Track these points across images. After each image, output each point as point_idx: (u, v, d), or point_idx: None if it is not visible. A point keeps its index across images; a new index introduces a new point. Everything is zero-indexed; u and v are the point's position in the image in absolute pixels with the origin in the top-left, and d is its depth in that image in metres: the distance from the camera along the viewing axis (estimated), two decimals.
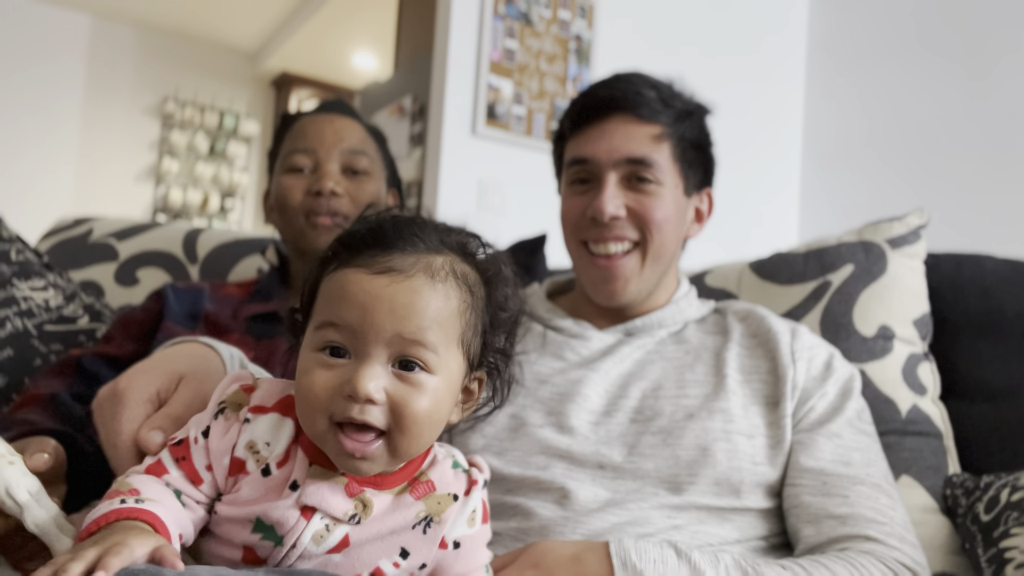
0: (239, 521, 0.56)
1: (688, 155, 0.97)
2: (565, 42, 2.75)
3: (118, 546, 0.46)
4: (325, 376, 0.54)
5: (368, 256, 0.55)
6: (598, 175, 0.95)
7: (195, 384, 0.66)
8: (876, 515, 0.81)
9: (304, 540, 0.55)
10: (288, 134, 1.16)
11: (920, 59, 2.90)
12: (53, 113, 5.03)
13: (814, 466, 0.84)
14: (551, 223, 1.64)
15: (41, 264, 1.22)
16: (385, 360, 0.54)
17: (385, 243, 0.56)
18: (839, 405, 0.89)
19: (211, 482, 0.57)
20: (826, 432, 0.87)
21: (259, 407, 0.58)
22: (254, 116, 5.83)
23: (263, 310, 1.08)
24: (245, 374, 0.62)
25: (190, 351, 0.72)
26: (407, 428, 0.53)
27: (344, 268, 0.56)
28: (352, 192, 1.11)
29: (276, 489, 0.56)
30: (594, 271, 0.95)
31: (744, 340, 0.95)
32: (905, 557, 0.78)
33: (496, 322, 0.61)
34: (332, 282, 0.56)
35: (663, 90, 0.97)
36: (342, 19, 4.89)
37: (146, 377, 0.65)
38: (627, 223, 0.94)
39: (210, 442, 0.57)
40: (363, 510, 0.57)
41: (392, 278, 0.54)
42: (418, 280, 0.54)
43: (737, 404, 0.88)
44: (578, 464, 0.84)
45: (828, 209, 3.21)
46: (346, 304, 0.54)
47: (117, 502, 0.52)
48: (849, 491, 0.82)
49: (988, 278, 1.14)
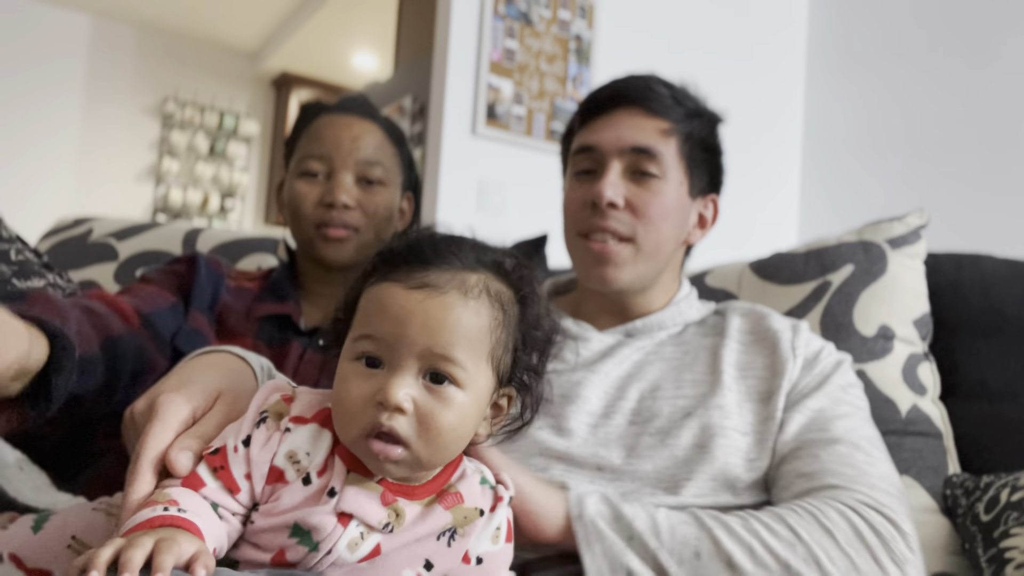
0: (276, 529, 0.57)
1: (695, 155, 0.97)
2: (565, 42, 2.75)
3: (169, 541, 0.48)
4: (360, 385, 0.56)
5: (405, 271, 0.57)
6: (602, 163, 0.94)
7: (230, 402, 0.65)
8: (845, 468, 0.78)
9: (340, 547, 0.56)
10: (306, 131, 1.14)
11: (920, 59, 2.90)
12: (53, 113, 5.03)
13: (790, 438, 0.84)
14: (551, 223, 1.64)
15: (41, 264, 1.22)
16: (416, 372, 0.55)
17: (423, 259, 0.58)
18: (821, 383, 0.89)
19: (248, 491, 0.58)
20: (804, 408, 0.86)
21: (299, 417, 0.59)
22: (254, 116, 5.83)
23: (277, 311, 1.07)
24: (283, 384, 0.63)
25: (226, 364, 0.71)
26: (432, 439, 0.55)
27: (382, 282, 0.58)
28: (365, 203, 1.10)
29: (315, 496, 0.57)
30: (588, 255, 0.95)
31: (741, 337, 0.95)
32: (868, 499, 0.75)
33: (528, 340, 0.62)
34: (370, 295, 0.58)
35: (675, 90, 0.98)
36: (342, 19, 4.89)
37: (185, 394, 0.64)
38: (623, 216, 0.93)
39: (251, 451, 0.58)
40: (396, 519, 0.58)
41: (427, 293, 0.56)
42: (451, 296, 0.56)
43: (732, 400, 0.88)
44: (577, 466, 0.84)
45: (828, 209, 3.22)
46: (382, 317, 0.56)
47: (160, 509, 0.53)
48: (821, 451, 0.81)
49: (988, 278, 1.14)
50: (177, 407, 0.62)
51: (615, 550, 0.71)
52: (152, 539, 0.48)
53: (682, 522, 0.73)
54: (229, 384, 0.67)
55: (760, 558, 0.69)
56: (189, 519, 0.53)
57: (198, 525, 0.53)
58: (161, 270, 1.07)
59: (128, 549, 0.47)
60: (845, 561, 0.70)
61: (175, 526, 0.52)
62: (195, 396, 0.64)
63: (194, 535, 0.51)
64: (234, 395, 0.66)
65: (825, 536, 0.71)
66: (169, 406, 0.62)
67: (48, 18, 5.04)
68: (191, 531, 0.52)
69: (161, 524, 0.52)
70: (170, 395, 0.63)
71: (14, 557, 0.62)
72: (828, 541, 0.71)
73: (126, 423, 0.65)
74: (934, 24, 2.87)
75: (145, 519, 0.52)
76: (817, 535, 0.71)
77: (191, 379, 0.66)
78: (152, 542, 0.48)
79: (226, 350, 0.73)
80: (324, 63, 5.55)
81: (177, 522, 0.52)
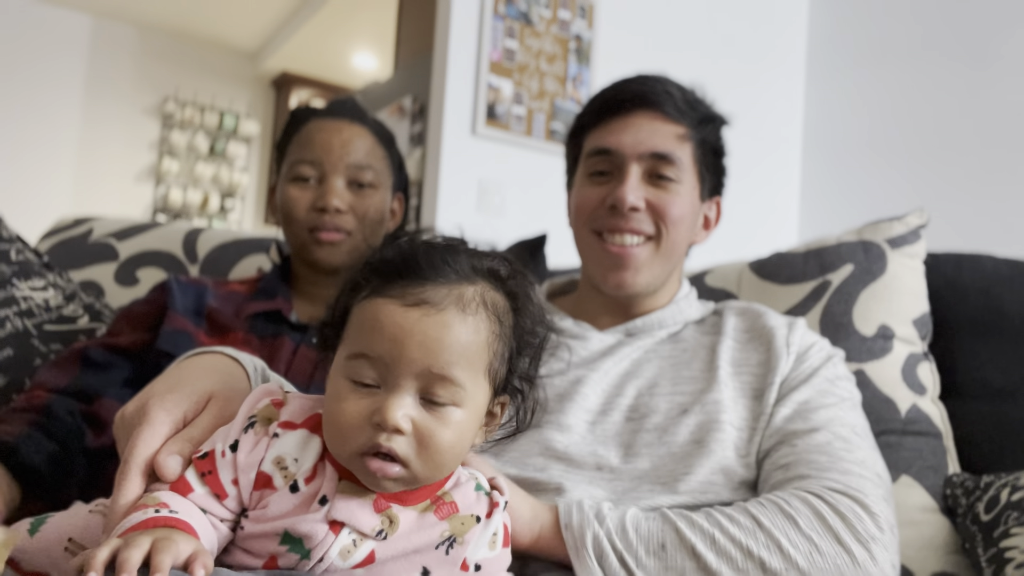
0: (266, 536, 0.56)
1: (707, 160, 0.99)
2: (565, 42, 2.75)
3: (166, 540, 0.48)
4: (356, 404, 0.55)
5: (400, 287, 0.56)
6: (620, 166, 0.95)
7: (221, 404, 0.64)
8: (820, 456, 0.79)
9: (332, 555, 0.56)
10: (296, 136, 1.15)
11: (920, 59, 2.90)
12: (53, 113, 5.03)
13: (773, 431, 0.85)
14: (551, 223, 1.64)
15: (41, 264, 1.22)
16: (414, 391, 0.55)
17: (417, 273, 0.56)
18: (808, 376, 0.89)
19: (236, 496, 0.57)
20: (790, 401, 0.87)
21: (288, 423, 0.59)
22: (254, 116, 5.83)
23: (266, 308, 1.08)
24: (275, 388, 0.62)
25: (218, 366, 0.70)
26: (429, 457, 0.55)
27: (376, 297, 0.56)
28: (357, 207, 1.12)
29: (305, 504, 0.56)
30: (607, 259, 0.95)
31: (737, 334, 0.96)
32: (837, 484, 0.75)
33: (522, 346, 0.62)
34: (365, 312, 0.57)
35: (688, 93, 0.99)
36: (342, 19, 4.89)
37: (175, 396, 0.63)
38: (644, 216, 0.94)
39: (238, 456, 0.57)
40: (389, 526, 0.57)
41: (424, 311, 0.55)
42: (449, 314, 0.55)
43: (728, 396, 0.88)
44: (576, 466, 0.84)
45: (828, 209, 3.22)
46: (378, 336, 0.55)
47: (151, 512, 0.53)
48: (800, 440, 0.81)
49: (988, 278, 1.14)
50: (167, 410, 0.61)
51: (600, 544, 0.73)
52: (150, 539, 0.48)
53: (648, 519, 0.74)
54: (221, 386, 0.66)
55: (721, 546, 0.71)
56: (183, 519, 0.52)
57: (193, 525, 0.53)
58: (123, 314, 1.09)
59: (126, 549, 0.46)
60: (807, 544, 0.71)
61: (170, 527, 0.51)
62: (186, 399, 0.63)
63: (190, 535, 0.51)
64: (226, 397, 0.65)
65: (787, 521, 0.72)
66: (159, 409, 0.61)
67: (48, 18, 5.04)
68: (187, 531, 0.51)
69: (155, 525, 0.51)
70: (160, 398, 0.63)
71: (10, 560, 0.62)
72: (789, 526, 0.72)
73: (117, 426, 0.65)
74: (934, 24, 2.87)
75: (137, 522, 0.51)
76: (779, 521, 0.72)
77: (182, 381, 0.66)
78: (150, 542, 0.47)
79: (219, 351, 0.72)
80: (324, 63, 5.55)
81: (172, 523, 0.52)
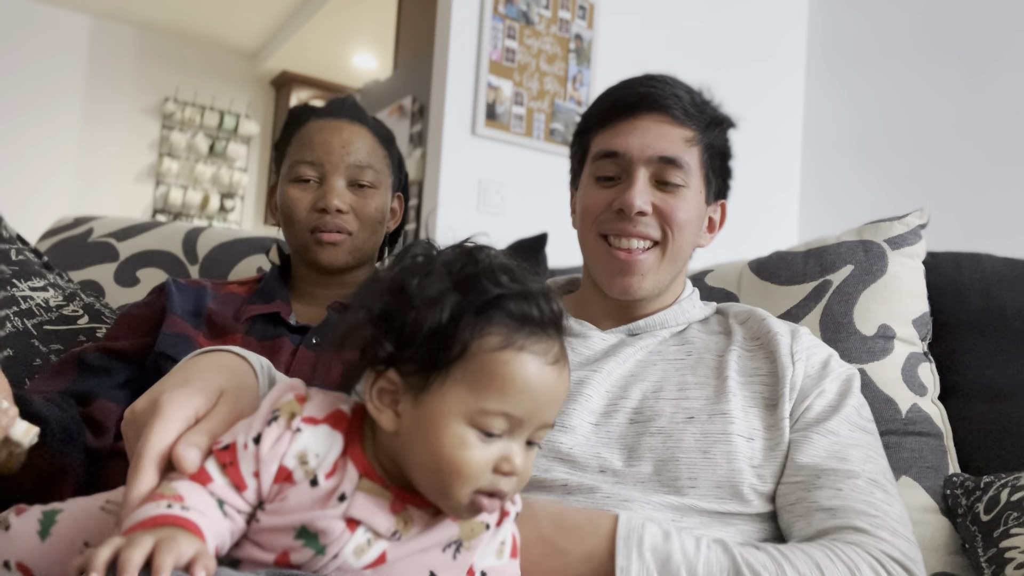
0: (281, 529, 0.56)
1: (714, 163, 0.98)
2: (565, 42, 2.75)
3: (168, 541, 0.48)
4: (483, 453, 0.56)
5: (535, 340, 0.57)
6: (628, 170, 0.94)
7: (232, 400, 0.65)
8: (868, 508, 0.79)
9: (346, 552, 0.56)
10: (296, 136, 1.15)
11: (920, 58, 2.90)
12: (53, 113, 5.04)
13: (808, 462, 0.83)
14: (551, 223, 1.64)
15: (41, 264, 1.22)
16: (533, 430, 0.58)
17: (556, 326, 0.60)
18: (837, 404, 0.88)
19: (255, 489, 0.57)
20: (822, 430, 0.86)
21: (311, 418, 0.59)
22: (254, 116, 5.84)
23: (265, 311, 1.08)
24: (298, 383, 0.63)
25: (227, 364, 0.71)
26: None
27: (523, 354, 0.57)
28: (357, 207, 1.12)
29: (324, 499, 0.57)
30: (613, 263, 0.95)
31: (745, 343, 0.95)
32: (894, 550, 0.76)
33: None
34: (510, 367, 0.56)
35: (696, 96, 0.98)
36: (342, 19, 4.89)
37: (187, 391, 0.63)
38: (652, 220, 0.94)
39: (261, 449, 0.57)
40: (403, 527, 0.58)
41: (559, 369, 0.59)
42: (567, 369, 0.61)
43: (738, 406, 0.87)
44: (580, 469, 0.84)
45: (828, 208, 3.22)
46: (524, 396, 0.56)
47: (163, 506, 0.53)
48: (842, 484, 0.81)
49: (988, 278, 1.14)
50: (181, 405, 0.62)
51: None
52: (152, 539, 0.48)
53: (710, 547, 0.73)
54: (231, 383, 0.67)
55: None
56: (191, 518, 0.53)
57: (200, 524, 0.53)
58: (122, 319, 1.08)
59: (127, 549, 0.46)
60: None
61: (176, 525, 0.51)
62: (198, 394, 0.64)
63: (195, 535, 0.51)
64: (236, 394, 0.66)
65: None
66: (173, 404, 0.61)
67: (48, 18, 5.04)
68: (192, 531, 0.51)
69: (163, 523, 0.51)
70: (172, 393, 0.63)
71: (21, 566, 0.61)
72: None
73: (127, 422, 0.65)
74: (934, 24, 2.87)
75: (148, 516, 0.52)
76: None
77: (193, 378, 0.66)
78: (152, 542, 0.47)
79: (226, 349, 0.73)
80: (324, 63, 5.55)
81: (179, 521, 0.52)
